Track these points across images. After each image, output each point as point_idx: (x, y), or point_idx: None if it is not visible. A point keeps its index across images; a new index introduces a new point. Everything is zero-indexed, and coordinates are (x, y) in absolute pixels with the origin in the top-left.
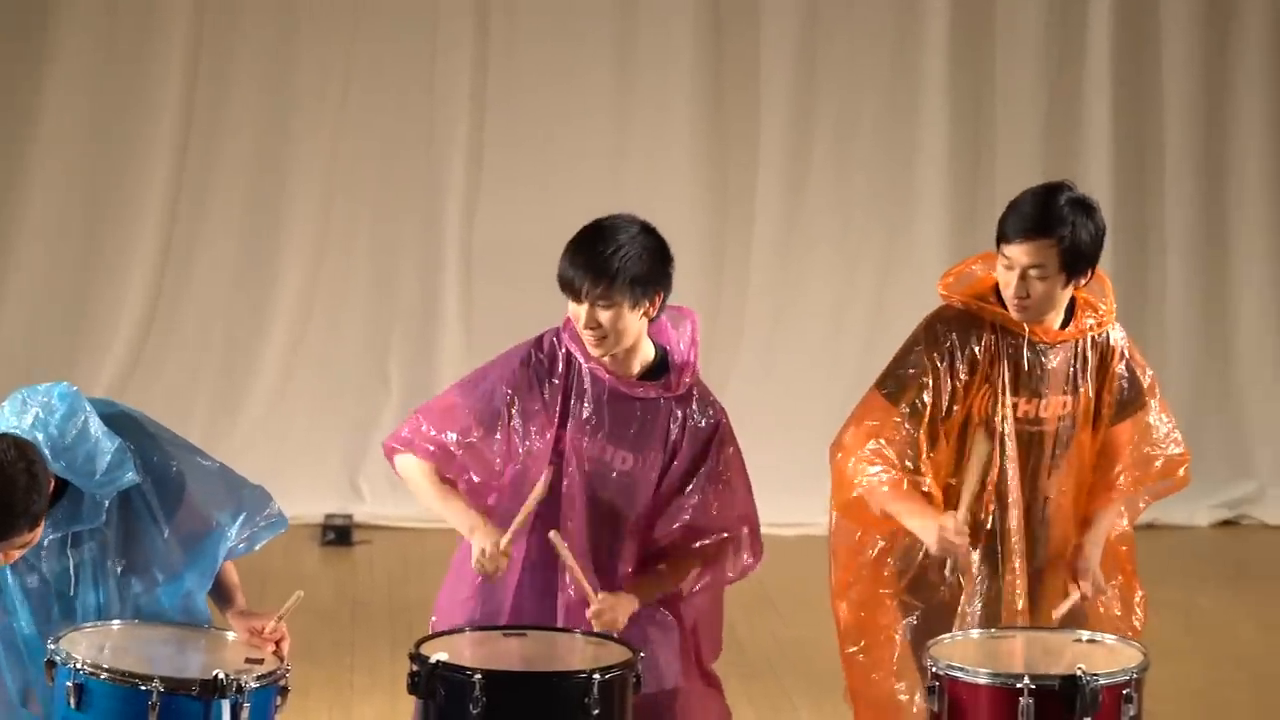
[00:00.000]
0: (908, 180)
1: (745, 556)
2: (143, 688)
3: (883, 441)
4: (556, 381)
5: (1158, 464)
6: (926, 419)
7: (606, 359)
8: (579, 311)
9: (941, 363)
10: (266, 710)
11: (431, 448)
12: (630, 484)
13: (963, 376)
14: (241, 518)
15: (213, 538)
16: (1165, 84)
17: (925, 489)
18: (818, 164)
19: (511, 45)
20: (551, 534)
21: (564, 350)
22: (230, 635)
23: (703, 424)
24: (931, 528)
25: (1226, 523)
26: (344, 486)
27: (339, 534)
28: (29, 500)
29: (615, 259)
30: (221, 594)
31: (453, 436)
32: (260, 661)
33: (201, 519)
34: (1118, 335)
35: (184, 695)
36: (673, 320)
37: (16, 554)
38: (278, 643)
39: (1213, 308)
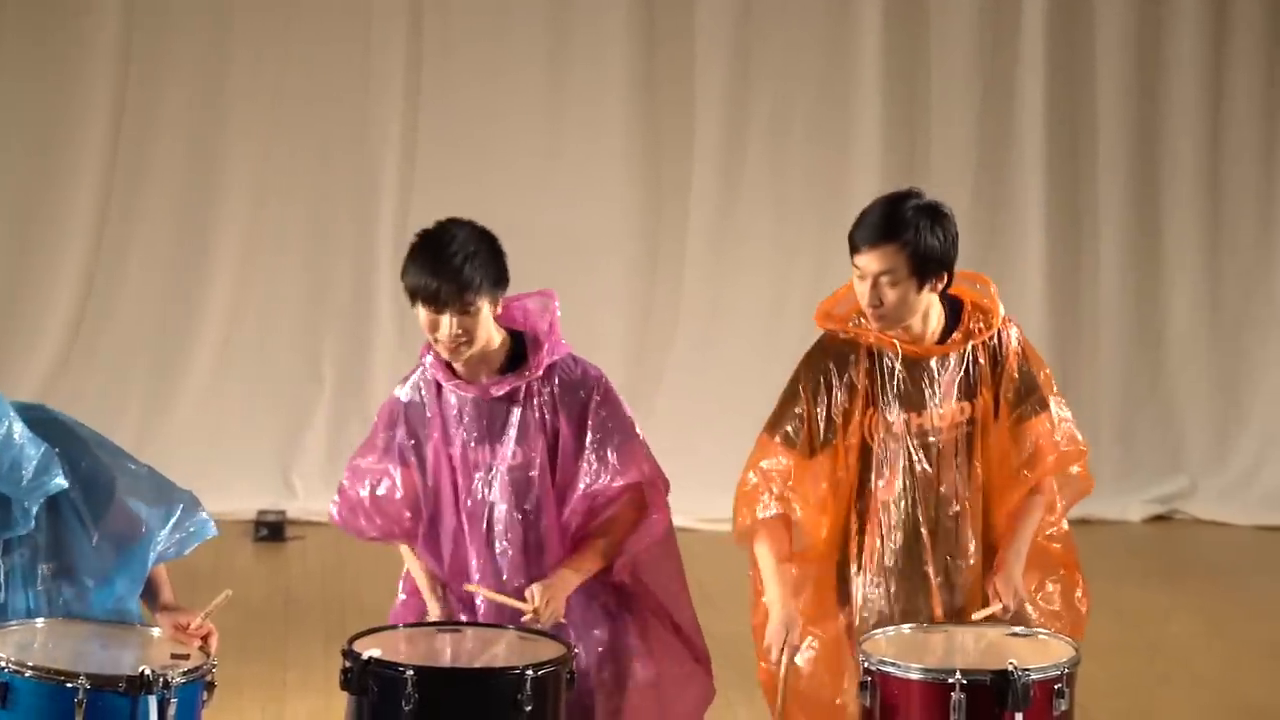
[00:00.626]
0: (842, 174)
1: (651, 511)
2: (69, 685)
3: (755, 472)
4: (430, 411)
5: (1050, 458)
6: (805, 447)
7: (462, 370)
8: (439, 321)
9: (817, 392)
10: (193, 705)
11: (379, 522)
12: (527, 477)
13: (842, 405)
14: (171, 522)
15: (142, 542)
16: (1099, 73)
17: (794, 515)
18: (752, 159)
19: (445, 44)
20: (466, 587)
21: (430, 378)
22: (156, 632)
23: (572, 395)
24: (776, 610)
25: (1159, 518)
26: (277, 483)
27: (272, 530)
28: None
29: (472, 267)
30: (149, 591)
31: (382, 491)
32: (186, 657)
33: (131, 524)
34: (1011, 335)
35: (111, 692)
36: (537, 303)
37: None
38: (205, 639)
39: (1145, 303)
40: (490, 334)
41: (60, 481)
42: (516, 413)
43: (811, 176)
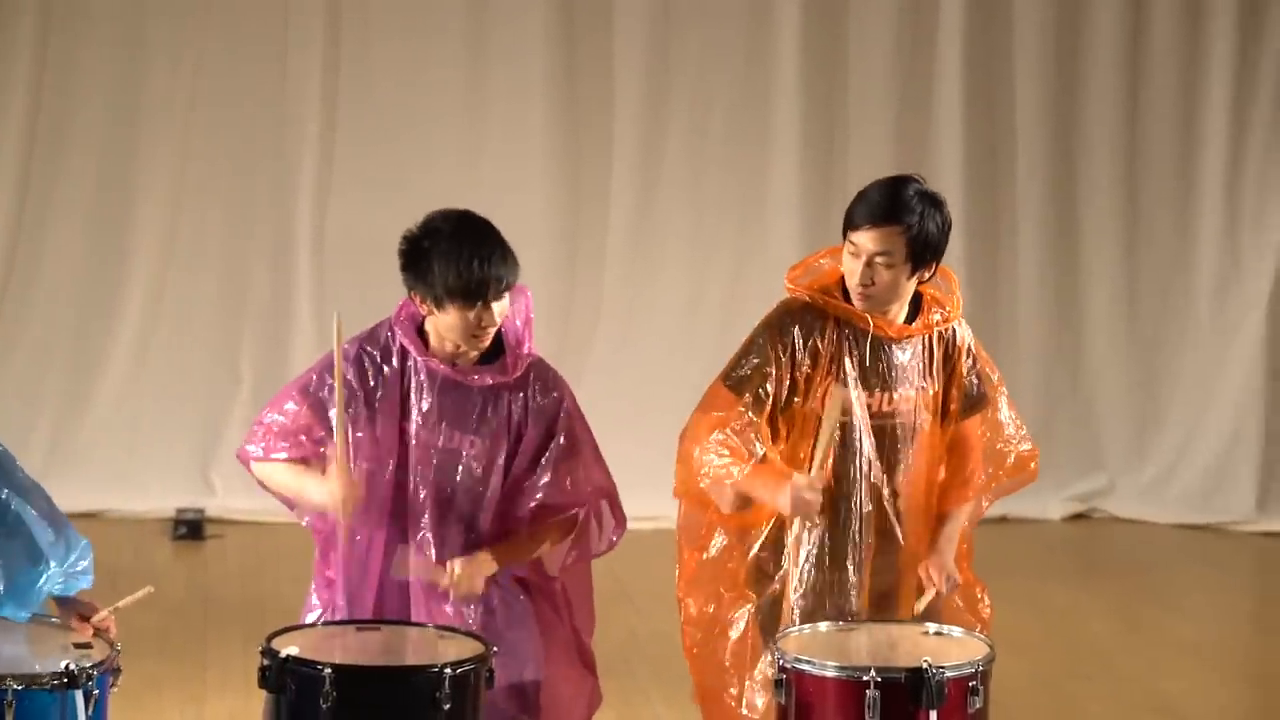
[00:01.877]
0: (760, 173)
1: (609, 528)
2: None
3: (728, 432)
4: (390, 375)
5: (1010, 460)
6: (768, 409)
7: (443, 351)
8: (469, 317)
9: (784, 354)
10: (104, 693)
11: (286, 444)
12: (479, 469)
13: (805, 369)
14: (68, 561)
15: (36, 573)
16: (1017, 73)
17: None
18: (671, 158)
19: (363, 44)
20: (394, 567)
21: (398, 345)
22: (51, 622)
23: (545, 402)
24: (784, 488)
25: (1078, 516)
26: (195, 480)
27: (190, 528)
28: None
29: (495, 259)
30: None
31: (291, 415)
32: (89, 646)
33: (29, 554)
34: (964, 332)
35: (39, 690)
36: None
37: None
38: (103, 630)
39: (1064, 302)
40: None
41: None
42: (486, 405)
43: (730, 176)
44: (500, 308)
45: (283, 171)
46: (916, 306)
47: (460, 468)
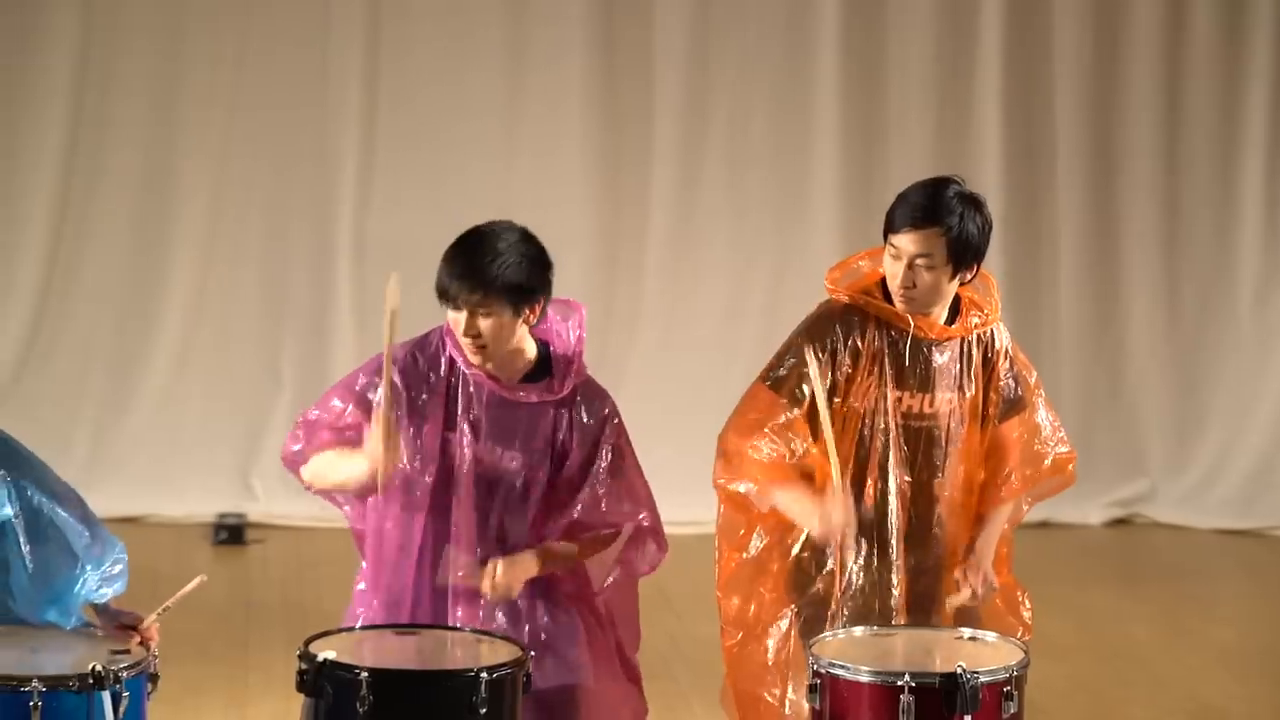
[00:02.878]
0: (800, 176)
1: (651, 547)
2: (23, 689)
3: (768, 431)
4: (436, 382)
5: (1047, 462)
6: (807, 408)
7: (489, 366)
8: (458, 319)
9: (823, 355)
10: (140, 698)
11: (329, 436)
12: (521, 483)
13: (845, 370)
14: (105, 565)
15: (74, 579)
16: (1056, 79)
17: (809, 474)
18: (711, 160)
19: (403, 49)
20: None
21: (447, 354)
22: (86, 633)
23: (591, 420)
24: (813, 513)
25: (1119, 521)
26: (237, 485)
27: (232, 533)
28: None
29: (493, 267)
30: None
31: (338, 411)
32: (126, 653)
33: (65, 561)
34: (1003, 335)
35: (64, 691)
36: (561, 313)
37: None
38: (145, 638)
39: (1104, 306)
40: (515, 344)
41: (6, 510)
42: (531, 422)
43: (769, 180)
44: (490, 327)
45: (323, 174)
46: (955, 309)
47: (501, 482)
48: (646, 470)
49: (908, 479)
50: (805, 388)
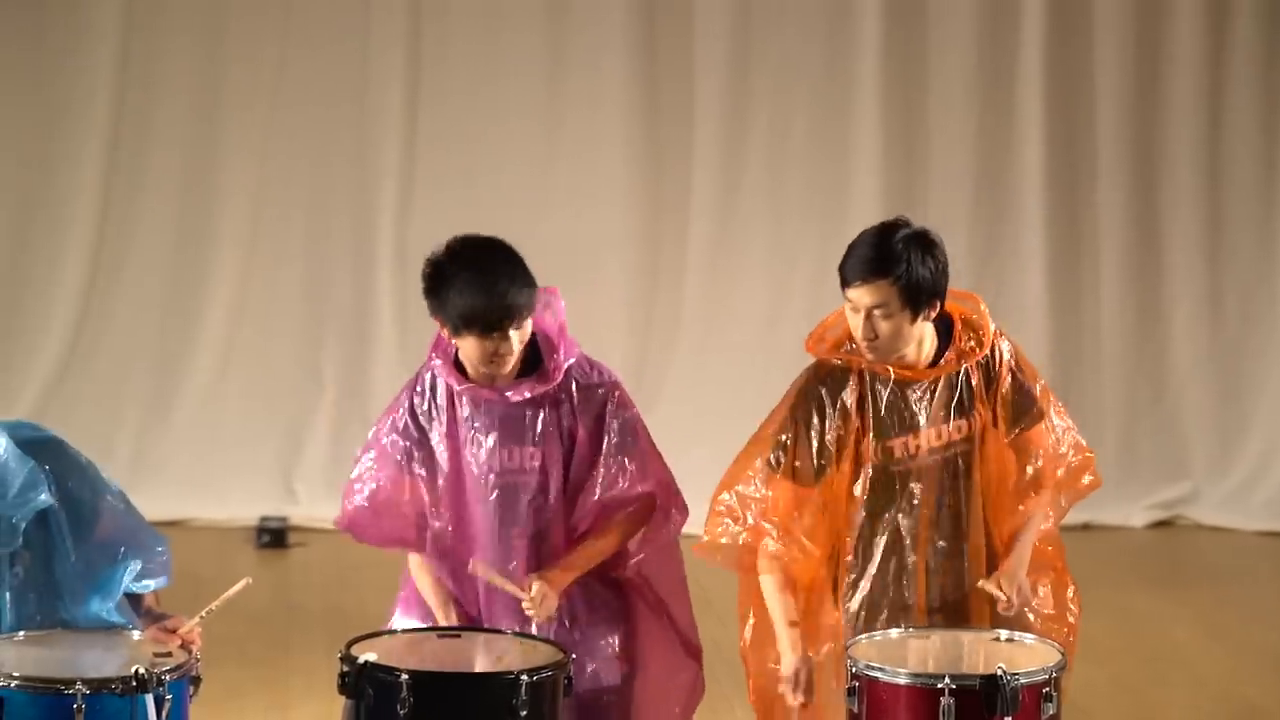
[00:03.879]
0: (841, 181)
1: (673, 515)
2: (66, 692)
3: (731, 494)
4: (438, 414)
5: (1060, 472)
6: (793, 472)
7: (479, 374)
8: (486, 345)
9: (809, 417)
10: (182, 700)
11: (385, 527)
12: (543, 478)
13: (836, 430)
14: (145, 556)
15: (118, 567)
16: (1097, 82)
17: (769, 551)
18: (751, 165)
19: (443, 50)
20: (471, 564)
21: (440, 382)
22: (135, 635)
23: (590, 400)
24: (790, 660)
25: (1161, 523)
26: (279, 489)
27: (274, 536)
28: None
29: (510, 289)
30: (133, 599)
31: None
32: (168, 655)
33: (109, 547)
34: (1002, 348)
35: (108, 694)
36: (540, 301)
37: None
38: (187, 642)
39: (1146, 312)
40: None
41: (46, 498)
42: (534, 416)
43: (811, 184)
44: (518, 334)
45: (363, 176)
46: (949, 336)
47: (524, 484)
48: (683, 473)
49: (920, 517)
50: (781, 454)
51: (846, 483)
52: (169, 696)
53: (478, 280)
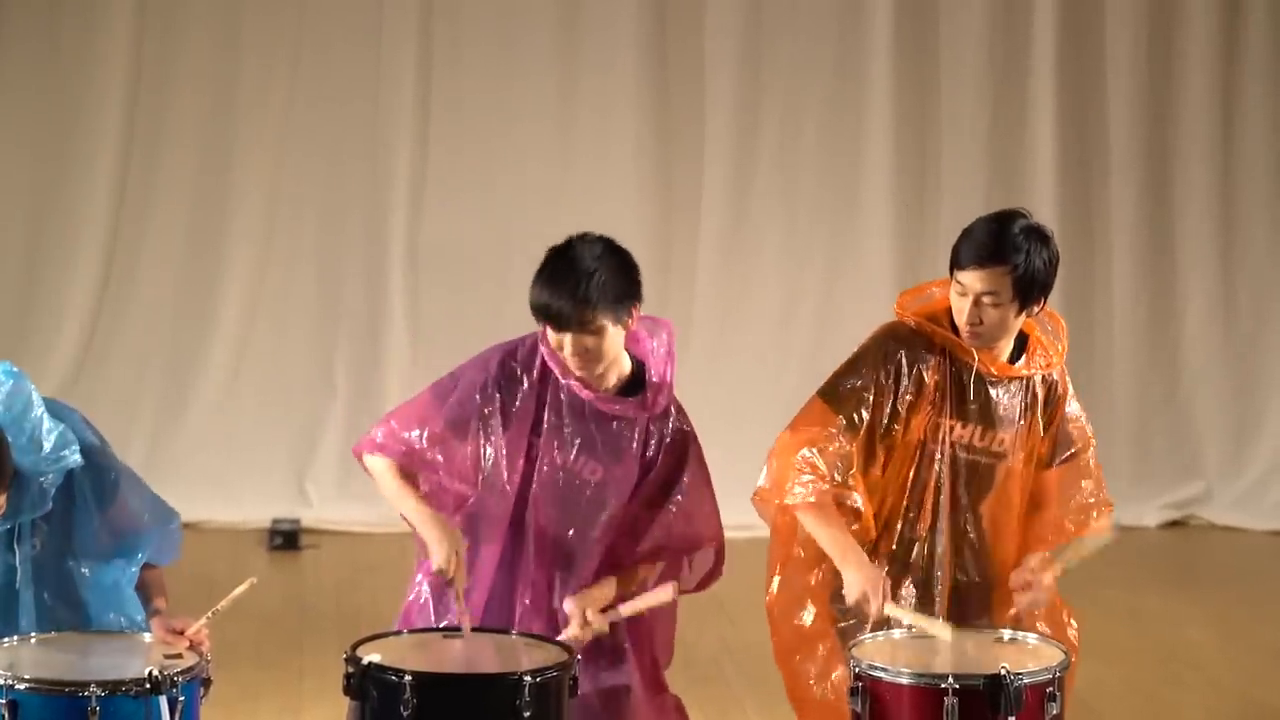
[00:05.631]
0: (853, 180)
1: (706, 570)
2: (81, 695)
3: (815, 451)
4: (529, 389)
5: (1094, 515)
6: (863, 434)
7: (585, 374)
8: (562, 340)
9: (887, 380)
10: (193, 702)
11: (402, 448)
12: (600, 496)
13: (907, 397)
14: (165, 529)
15: (140, 534)
16: (1110, 81)
17: (854, 504)
18: (763, 165)
19: (455, 48)
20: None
21: (540, 360)
22: (147, 637)
23: (678, 440)
24: (855, 581)
25: (1174, 523)
26: (291, 491)
27: (286, 538)
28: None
29: (593, 286)
30: (142, 594)
31: (420, 435)
32: (179, 657)
33: (132, 515)
34: (1066, 381)
35: (122, 696)
36: (649, 330)
37: None
38: (196, 643)
39: (1159, 310)
40: (619, 352)
41: (77, 458)
42: (620, 434)
43: (822, 183)
44: (597, 342)
45: (376, 177)
46: (1021, 347)
47: (582, 488)
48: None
49: (957, 510)
50: (863, 413)
51: (907, 455)
52: (181, 698)
53: (551, 271)
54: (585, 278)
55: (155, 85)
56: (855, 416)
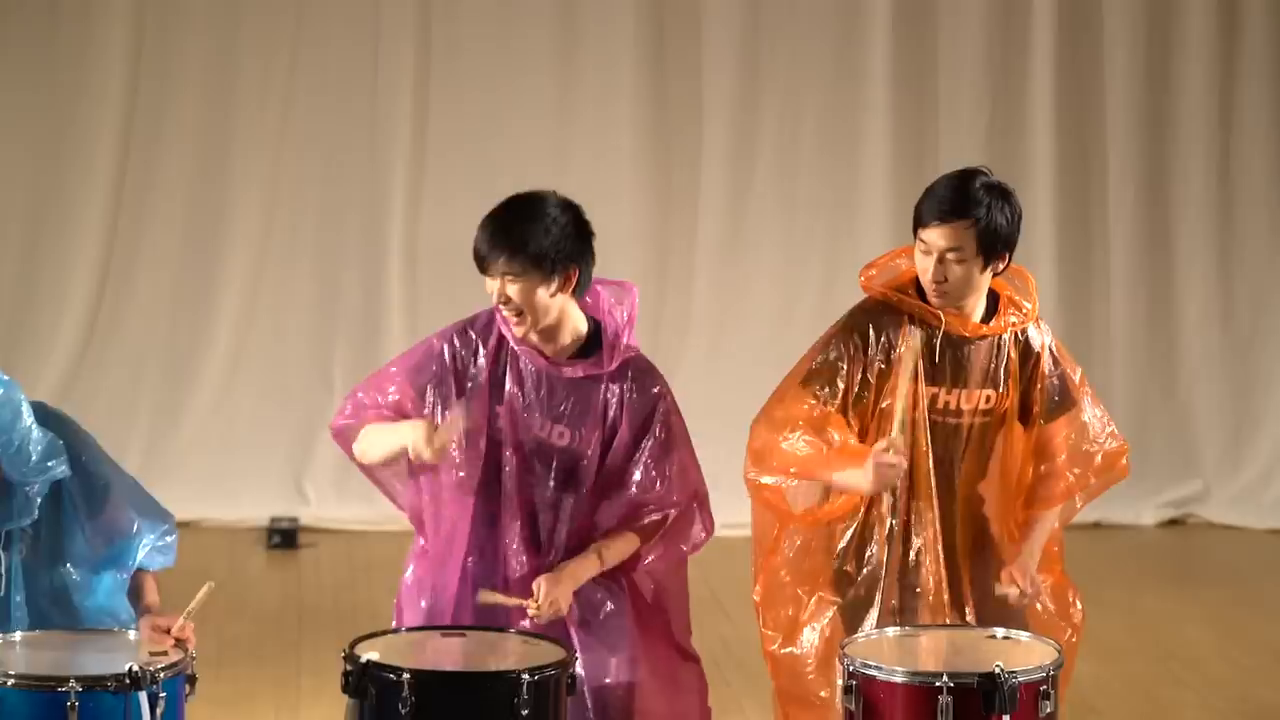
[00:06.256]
0: (851, 179)
1: (697, 529)
2: (60, 690)
3: (802, 424)
4: (484, 357)
5: (1097, 460)
6: (839, 404)
7: (534, 338)
8: (491, 286)
9: (857, 351)
10: (177, 699)
11: (371, 414)
12: (571, 460)
13: (878, 366)
14: (158, 532)
15: (132, 540)
16: (1108, 84)
17: (829, 438)
18: (761, 164)
19: (453, 47)
20: (480, 595)
21: (496, 330)
22: (131, 635)
23: (641, 397)
24: (864, 465)
25: (1172, 522)
26: (289, 490)
27: (284, 537)
28: None
29: (525, 233)
30: (133, 593)
31: (385, 401)
32: (165, 655)
33: (122, 521)
34: (1044, 334)
35: (101, 691)
36: (615, 295)
37: None
38: (183, 640)
39: (1157, 307)
40: (559, 315)
41: (64, 469)
42: (579, 396)
43: (821, 183)
44: (521, 293)
45: (374, 176)
46: (994, 306)
47: (552, 454)
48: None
49: (937, 475)
50: (839, 382)
51: (881, 423)
52: (163, 695)
53: (496, 218)
54: (517, 224)
55: (153, 85)
56: (830, 388)
